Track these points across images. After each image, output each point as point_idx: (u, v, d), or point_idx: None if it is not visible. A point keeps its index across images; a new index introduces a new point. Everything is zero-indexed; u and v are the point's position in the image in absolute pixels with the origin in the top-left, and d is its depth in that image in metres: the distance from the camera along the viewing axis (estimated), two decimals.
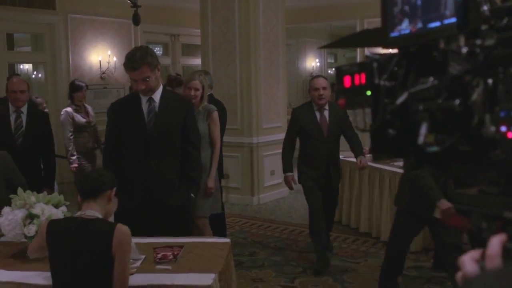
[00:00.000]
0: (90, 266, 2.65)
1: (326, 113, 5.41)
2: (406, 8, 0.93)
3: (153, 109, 3.92)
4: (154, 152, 3.89)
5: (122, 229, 2.69)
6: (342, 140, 5.57)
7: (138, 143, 3.89)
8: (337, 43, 1.23)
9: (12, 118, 5.41)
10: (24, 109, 5.47)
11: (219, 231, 5.12)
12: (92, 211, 2.75)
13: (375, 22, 0.98)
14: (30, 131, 5.40)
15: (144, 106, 3.91)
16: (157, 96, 3.93)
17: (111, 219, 3.04)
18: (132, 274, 2.86)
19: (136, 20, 7.68)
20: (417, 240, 5.81)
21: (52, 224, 2.80)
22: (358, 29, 11.09)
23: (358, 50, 11.51)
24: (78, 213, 2.79)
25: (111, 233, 2.64)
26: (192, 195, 4.12)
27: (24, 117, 5.45)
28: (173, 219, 3.95)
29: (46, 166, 5.46)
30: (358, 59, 9.90)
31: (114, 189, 2.89)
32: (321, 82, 5.36)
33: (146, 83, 3.82)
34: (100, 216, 2.77)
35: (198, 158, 4.22)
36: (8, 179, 4.13)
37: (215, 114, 4.90)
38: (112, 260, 2.65)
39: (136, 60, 3.80)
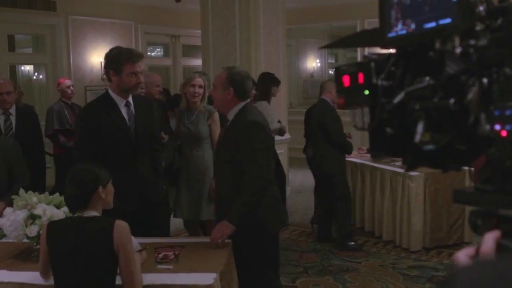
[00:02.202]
0: (92, 265, 2.65)
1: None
2: (403, 9, 0.94)
3: (132, 113, 3.87)
4: (140, 155, 3.88)
5: (121, 224, 2.69)
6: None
7: (124, 148, 3.82)
8: (337, 43, 1.25)
9: (1, 120, 5.40)
10: (13, 111, 5.45)
11: None
12: (89, 212, 2.75)
13: (375, 22, 0.99)
14: (20, 132, 5.38)
15: (123, 110, 3.83)
16: (130, 99, 3.89)
17: None
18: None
19: None
20: (417, 240, 5.83)
21: (52, 225, 2.79)
22: (358, 29, 11.09)
23: (359, 50, 11.51)
24: (77, 214, 2.80)
25: (111, 229, 2.64)
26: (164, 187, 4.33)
27: (13, 119, 5.43)
28: (160, 217, 4.14)
29: (37, 167, 5.42)
30: (359, 59, 9.89)
31: (100, 186, 2.79)
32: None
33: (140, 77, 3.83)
34: (98, 214, 2.77)
35: (160, 152, 4.36)
36: (9, 166, 4.12)
37: (216, 115, 4.87)
38: (114, 256, 2.65)
39: (138, 53, 3.84)
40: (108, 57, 3.81)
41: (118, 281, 2.73)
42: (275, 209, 3.64)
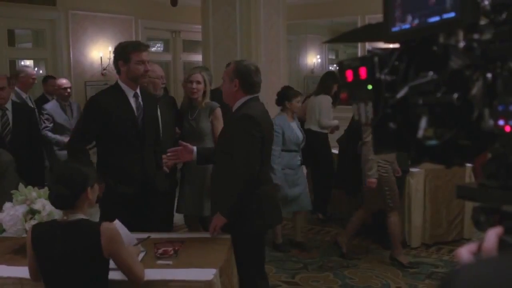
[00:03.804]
0: (82, 271, 2.60)
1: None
2: (407, 3, 0.94)
3: (140, 104, 4.03)
4: (146, 145, 4.03)
5: (108, 227, 2.63)
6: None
7: (130, 135, 3.97)
8: (340, 37, 1.24)
9: None
10: (9, 106, 5.41)
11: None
12: (74, 215, 2.66)
13: (376, 18, 0.99)
14: (17, 128, 5.35)
15: (132, 101, 4.00)
16: (138, 90, 4.06)
17: (96, 218, 2.95)
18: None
19: (174, 1, 7.66)
20: (417, 236, 5.83)
21: (36, 229, 2.70)
22: (359, 25, 11.06)
23: (360, 46, 11.49)
24: (63, 216, 2.72)
25: (98, 235, 2.57)
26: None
27: (9, 114, 5.39)
28: (163, 207, 4.35)
29: (35, 162, 5.39)
30: (359, 55, 9.87)
31: (89, 187, 2.69)
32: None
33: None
34: (84, 216, 2.68)
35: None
36: None
37: (218, 111, 4.87)
38: (104, 261, 2.61)
39: (144, 43, 4.13)
40: (117, 49, 4.04)
41: (112, 277, 2.73)
42: (263, 209, 3.60)
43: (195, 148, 3.84)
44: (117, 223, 3.10)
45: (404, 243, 5.88)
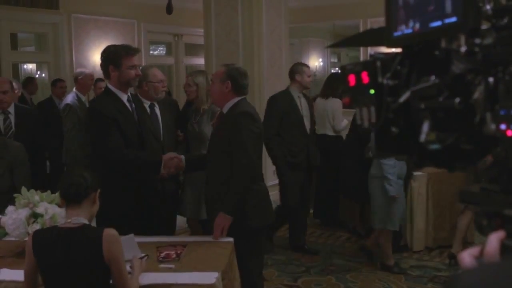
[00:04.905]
0: (83, 277, 2.60)
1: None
2: (409, 8, 0.94)
3: (133, 108, 4.00)
4: (146, 147, 3.99)
5: (110, 233, 2.62)
6: None
7: (133, 139, 3.92)
8: (343, 42, 1.25)
9: (0, 120, 5.36)
10: (12, 110, 5.40)
11: None
12: (78, 218, 2.66)
13: (378, 21, 0.99)
14: (20, 132, 5.34)
15: (127, 104, 3.96)
16: (129, 93, 4.04)
17: (94, 222, 2.96)
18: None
19: (169, 9, 7.72)
20: (419, 240, 5.82)
21: (37, 235, 2.69)
22: (361, 28, 11.08)
23: (362, 50, 11.50)
24: (64, 222, 2.73)
25: (100, 241, 2.58)
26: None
27: (12, 118, 5.37)
28: (167, 210, 4.35)
29: (38, 165, 5.37)
30: (361, 59, 9.89)
31: (98, 191, 2.77)
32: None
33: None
34: (86, 221, 2.68)
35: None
36: (12, 169, 4.14)
37: None
38: (105, 267, 2.60)
39: (135, 47, 4.05)
40: (106, 53, 3.94)
41: None
42: (261, 204, 3.72)
43: (183, 156, 3.93)
44: (129, 237, 3.13)
45: (406, 246, 5.89)
